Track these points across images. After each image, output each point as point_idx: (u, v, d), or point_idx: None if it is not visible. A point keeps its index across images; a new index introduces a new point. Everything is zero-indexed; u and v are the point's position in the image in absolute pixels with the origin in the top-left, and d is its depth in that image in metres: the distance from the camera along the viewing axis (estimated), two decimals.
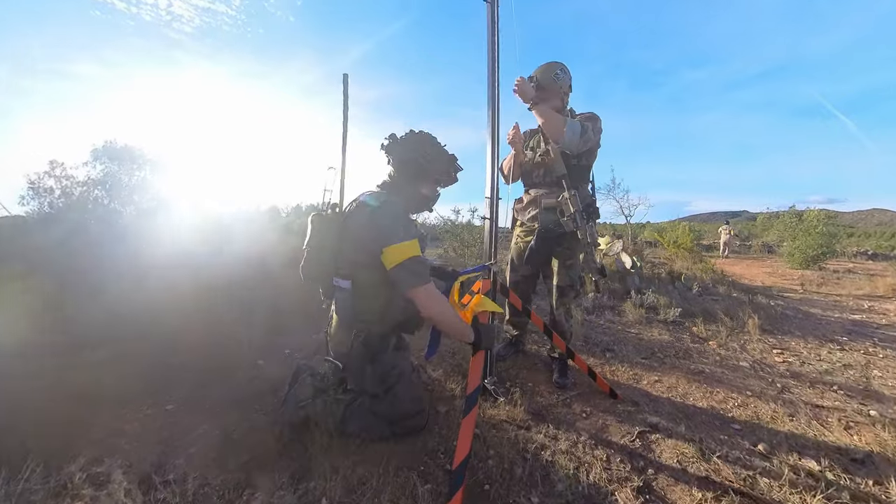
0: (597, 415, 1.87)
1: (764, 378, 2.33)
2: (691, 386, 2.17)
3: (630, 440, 1.68)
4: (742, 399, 2.05)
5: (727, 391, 2.12)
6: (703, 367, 2.43)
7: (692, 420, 1.84)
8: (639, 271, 4.12)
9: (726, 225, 12.37)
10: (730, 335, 3.05)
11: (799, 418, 1.88)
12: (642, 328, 3.10)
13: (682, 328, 3.17)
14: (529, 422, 1.80)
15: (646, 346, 2.74)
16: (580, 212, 1.95)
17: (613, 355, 2.56)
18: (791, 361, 2.62)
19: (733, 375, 2.34)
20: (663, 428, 1.76)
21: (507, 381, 2.18)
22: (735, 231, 12.64)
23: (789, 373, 2.42)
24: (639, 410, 1.90)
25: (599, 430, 1.75)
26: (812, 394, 2.15)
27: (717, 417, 1.87)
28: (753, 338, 3.02)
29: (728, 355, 2.65)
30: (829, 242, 8.52)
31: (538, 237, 2.07)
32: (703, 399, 2.03)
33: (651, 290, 3.67)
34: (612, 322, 3.21)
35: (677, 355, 2.61)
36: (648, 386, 2.16)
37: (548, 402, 1.98)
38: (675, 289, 4.22)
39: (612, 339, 2.83)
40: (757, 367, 2.48)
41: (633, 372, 2.32)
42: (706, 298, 4.03)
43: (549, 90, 1.99)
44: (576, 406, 1.94)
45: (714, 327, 3.16)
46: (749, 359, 2.61)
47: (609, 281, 4.01)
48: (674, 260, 6.29)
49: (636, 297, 3.54)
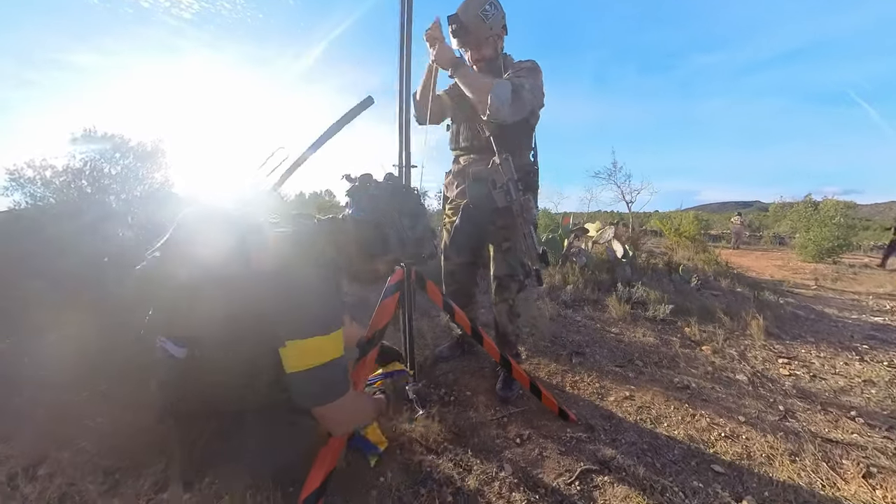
0: (535, 441, 1.42)
1: (764, 397, 1.82)
2: (669, 406, 1.69)
3: (566, 482, 1.23)
4: (732, 427, 1.56)
5: (714, 415, 1.64)
6: (689, 380, 1.94)
7: (660, 456, 1.37)
8: (631, 261, 3.58)
9: (738, 215, 11.51)
10: (728, 339, 2.53)
11: (803, 459, 1.39)
12: (625, 327, 2.61)
13: (673, 328, 2.66)
14: (446, 444, 1.39)
15: (624, 351, 2.25)
16: (514, 181, 1.44)
17: (582, 360, 2.09)
18: (799, 374, 2.10)
19: (725, 393, 1.84)
20: (617, 467, 1.30)
21: (442, 388, 1.76)
22: (746, 221, 11.71)
23: (796, 390, 1.91)
24: (592, 439, 1.45)
25: (530, 464, 1.31)
26: (823, 422, 1.65)
27: (694, 454, 1.39)
28: (757, 343, 2.49)
29: (723, 365, 2.14)
30: (846, 234, 7.67)
31: (463, 213, 1.60)
32: (680, 425, 1.56)
33: (641, 283, 3.15)
34: (590, 318, 2.72)
35: (660, 363, 2.12)
36: (615, 404, 1.69)
37: (479, 418, 1.55)
38: (672, 281, 3.67)
39: (586, 340, 2.35)
40: (756, 382, 1.97)
41: (601, 384, 1.85)
42: (706, 293, 3.47)
43: (475, 33, 1.47)
44: (512, 427, 1.50)
45: (711, 328, 2.64)
46: (748, 370, 2.10)
47: (596, 271, 3.49)
48: (675, 249, 5.66)
49: (623, 290, 3.03)
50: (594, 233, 3.64)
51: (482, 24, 1.46)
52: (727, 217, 16.55)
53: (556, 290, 3.09)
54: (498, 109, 1.35)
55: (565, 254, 3.49)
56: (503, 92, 1.36)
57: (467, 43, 1.51)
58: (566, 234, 3.66)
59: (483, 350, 2.04)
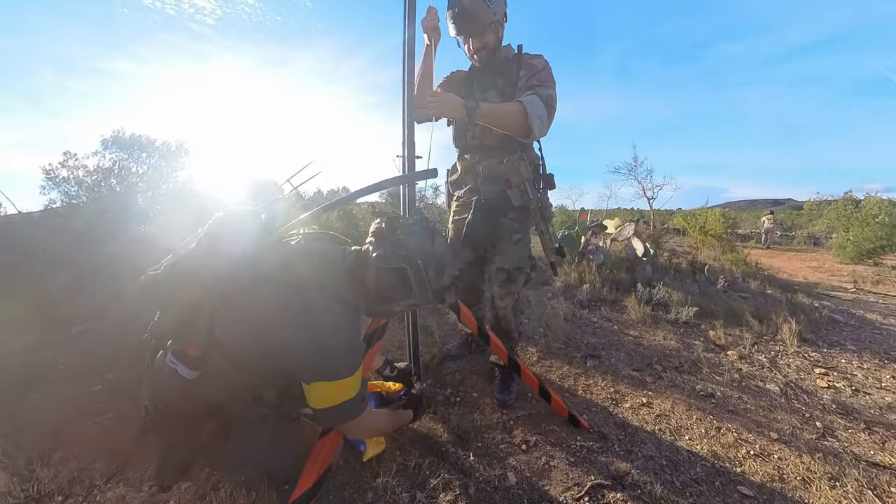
0: (542, 448, 1.31)
1: (799, 411, 1.62)
2: (691, 416, 1.53)
3: (574, 497, 1.11)
4: (762, 444, 1.39)
5: (742, 429, 1.46)
6: (713, 387, 1.76)
7: (680, 474, 1.22)
8: (652, 260, 3.35)
9: (770, 214, 10.71)
10: (757, 344, 2.30)
11: (845, 485, 1.21)
12: (645, 329, 2.42)
13: (697, 332, 2.45)
14: (448, 446, 1.30)
15: (643, 354, 2.08)
16: (530, 180, 1.37)
17: (597, 364, 1.94)
18: (839, 387, 1.87)
19: (754, 404, 1.65)
20: (632, 483, 1.16)
21: (448, 388, 1.66)
22: (778, 220, 10.89)
23: (836, 405, 1.69)
24: (604, 449, 1.31)
25: (536, 474, 1.20)
26: (868, 443, 1.44)
27: (719, 472, 1.24)
28: (789, 349, 2.25)
29: (751, 372, 1.94)
30: (891, 234, 6.94)
31: (476, 209, 1.49)
32: (703, 439, 1.40)
33: (663, 283, 2.93)
34: (607, 320, 2.54)
35: (681, 368, 1.94)
36: (630, 411, 1.55)
37: (485, 421, 1.44)
38: (696, 282, 3.41)
39: (602, 343, 2.19)
40: (790, 393, 1.77)
41: (616, 389, 1.70)
42: (733, 295, 3.20)
43: (479, 18, 1.32)
44: (518, 432, 1.39)
45: (737, 332, 2.41)
46: (780, 380, 1.89)
47: (615, 270, 3.28)
48: (699, 249, 5.27)
49: (643, 290, 2.83)
50: (613, 230, 3.42)
51: (486, 9, 1.32)
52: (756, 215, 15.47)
53: (571, 289, 2.93)
54: (541, 130, 1.29)
55: (582, 251, 3.30)
56: (539, 110, 1.27)
57: (469, 29, 1.37)
58: (583, 231, 3.47)
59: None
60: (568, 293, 2.90)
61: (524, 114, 1.25)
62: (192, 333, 0.84)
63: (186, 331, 0.84)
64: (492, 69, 1.46)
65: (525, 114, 1.25)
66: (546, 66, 1.39)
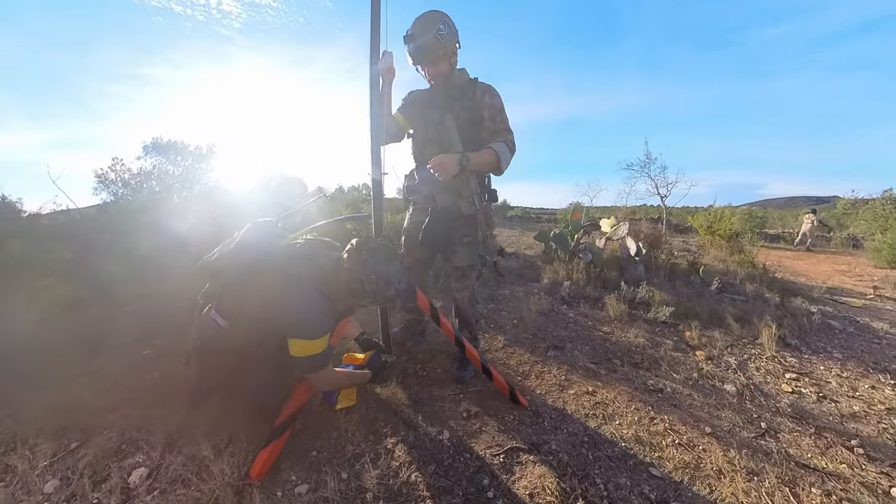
0: (480, 418, 1.44)
1: (747, 412, 1.62)
2: (630, 406, 1.58)
3: (493, 454, 1.25)
4: (691, 436, 1.42)
5: (676, 422, 1.50)
6: (665, 384, 1.78)
7: (596, 450, 1.31)
8: (645, 259, 3.27)
9: (811, 213, 9.59)
10: (733, 346, 2.24)
11: (762, 480, 1.23)
12: (619, 327, 2.43)
13: (672, 331, 2.42)
14: (403, 407, 1.50)
15: (607, 349, 2.11)
16: (478, 194, 1.52)
17: (558, 354, 2.01)
18: (805, 393, 1.81)
19: (702, 401, 1.66)
20: (546, 451, 1.27)
21: (418, 364, 1.83)
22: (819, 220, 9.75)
23: (792, 409, 1.66)
24: (534, 423, 1.42)
25: (468, 435, 1.34)
26: (810, 446, 1.42)
27: (635, 455, 1.30)
28: (766, 353, 2.17)
29: (713, 372, 1.92)
30: None
31: (433, 215, 1.62)
32: (633, 426, 1.45)
33: (649, 283, 2.88)
34: (584, 316, 2.57)
35: (640, 364, 1.96)
36: (573, 397, 1.62)
37: (441, 393, 1.60)
38: (691, 283, 3.30)
39: (570, 336, 2.24)
40: (746, 395, 1.74)
41: (567, 378, 1.78)
42: (724, 297, 3.06)
43: (431, 52, 1.49)
44: (464, 404, 1.53)
45: (714, 334, 2.35)
46: (741, 381, 1.85)
47: (605, 269, 3.25)
48: (707, 249, 4.97)
49: (627, 289, 2.80)
50: (608, 229, 3.36)
51: (438, 44, 1.47)
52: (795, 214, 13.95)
53: (557, 286, 2.96)
54: (506, 169, 1.56)
55: (573, 250, 3.29)
56: (506, 156, 1.53)
57: (423, 60, 1.53)
58: (576, 230, 3.43)
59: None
60: (553, 290, 2.94)
61: (498, 160, 1.51)
62: (227, 298, 1.20)
63: (224, 297, 1.21)
64: (448, 93, 1.59)
65: (498, 160, 1.51)
66: (503, 107, 1.59)
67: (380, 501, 1.08)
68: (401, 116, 1.65)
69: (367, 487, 1.11)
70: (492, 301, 2.70)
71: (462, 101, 1.56)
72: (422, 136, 1.63)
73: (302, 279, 1.18)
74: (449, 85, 1.58)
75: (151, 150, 3.83)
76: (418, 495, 1.11)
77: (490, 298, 2.74)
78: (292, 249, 1.28)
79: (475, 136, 1.55)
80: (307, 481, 1.13)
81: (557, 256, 3.45)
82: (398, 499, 1.09)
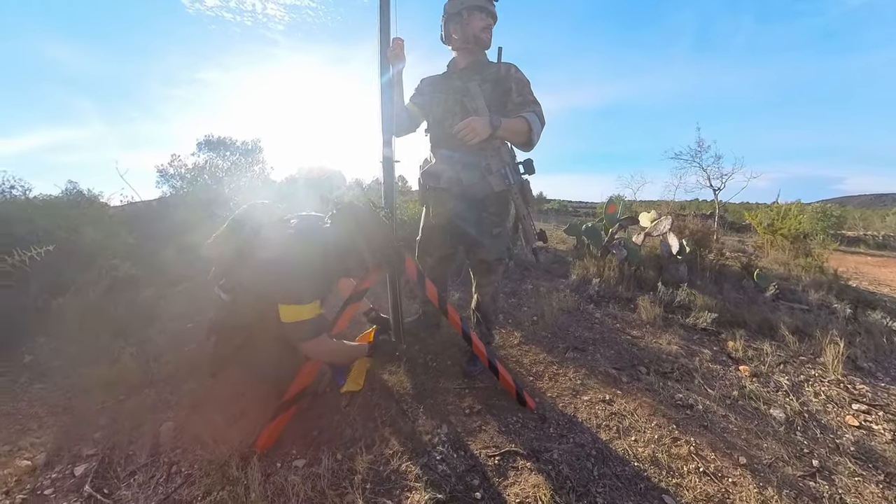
0: (482, 416, 1.35)
1: (797, 444, 1.33)
2: (651, 421, 1.38)
3: (488, 455, 1.16)
4: (721, 465, 1.20)
5: (704, 445, 1.27)
6: (697, 399, 1.53)
7: (604, 466, 1.15)
8: (688, 258, 2.85)
9: None
10: (784, 363, 1.88)
11: None
12: (650, 331, 2.15)
13: (713, 340, 2.09)
14: (407, 397, 1.44)
15: (633, 355, 1.88)
16: (510, 166, 1.34)
17: (577, 356, 1.82)
18: (876, 429, 1.46)
19: (740, 425, 1.41)
20: (546, 459, 1.15)
21: (429, 354, 1.76)
22: None
23: (856, 448, 1.34)
24: (538, 428, 1.29)
25: (466, 432, 1.26)
26: (875, 497, 1.14)
27: (649, 478, 1.13)
28: (828, 375, 1.79)
29: (757, 392, 1.62)
30: None
31: (460, 200, 1.46)
32: (650, 444, 1.26)
33: (686, 286, 2.51)
34: (611, 317, 2.31)
35: (669, 374, 1.72)
36: (586, 405, 1.46)
37: (446, 385, 1.52)
38: (742, 287, 2.83)
39: (594, 338, 2.03)
40: (798, 424, 1.44)
41: (583, 383, 1.60)
42: (781, 305, 2.59)
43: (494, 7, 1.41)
44: (468, 399, 1.44)
45: (765, 347, 1.99)
46: (792, 406, 1.54)
47: (642, 267, 2.89)
48: (765, 249, 4.21)
49: (664, 290, 2.47)
50: (648, 223, 2.96)
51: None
52: (883, 214, 11.49)
53: (585, 283, 2.70)
54: (537, 143, 1.39)
55: (606, 245, 2.96)
56: (537, 127, 1.37)
57: (491, 9, 1.41)
58: (611, 224, 3.08)
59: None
60: (581, 287, 2.69)
61: (529, 129, 1.33)
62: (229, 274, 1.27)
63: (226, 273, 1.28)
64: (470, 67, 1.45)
65: (530, 129, 1.33)
66: (529, 82, 1.43)
67: (367, 484, 1.05)
68: (413, 106, 1.52)
69: (357, 470, 1.08)
70: (513, 296, 2.54)
71: (485, 73, 1.42)
72: (440, 111, 1.47)
73: (290, 248, 1.16)
74: (477, 56, 1.46)
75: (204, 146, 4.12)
76: (405, 484, 1.06)
77: (512, 293, 2.58)
78: (284, 226, 1.26)
79: (501, 110, 1.39)
80: (304, 457, 1.14)
81: (589, 252, 3.15)
82: (385, 485, 1.06)
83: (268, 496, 1.01)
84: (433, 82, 1.53)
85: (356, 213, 1.17)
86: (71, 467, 1.13)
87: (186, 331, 1.94)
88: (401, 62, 1.37)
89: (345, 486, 1.04)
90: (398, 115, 1.44)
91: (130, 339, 1.82)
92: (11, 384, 1.54)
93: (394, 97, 1.36)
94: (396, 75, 1.39)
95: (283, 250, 1.16)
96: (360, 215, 1.17)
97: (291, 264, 1.14)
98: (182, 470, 1.11)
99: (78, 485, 1.06)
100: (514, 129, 1.32)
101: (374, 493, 1.03)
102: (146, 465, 1.13)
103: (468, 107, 1.34)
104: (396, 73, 1.38)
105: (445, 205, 1.52)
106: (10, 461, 1.15)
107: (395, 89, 1.39)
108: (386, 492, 1.04)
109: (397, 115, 1.42)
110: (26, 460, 1.15)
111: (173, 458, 1.15)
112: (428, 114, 1.52)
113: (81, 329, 1.84)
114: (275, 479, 1.06)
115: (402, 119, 1.48)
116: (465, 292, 2.48)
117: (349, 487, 1.03)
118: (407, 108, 1.51)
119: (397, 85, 1.41)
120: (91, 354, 1.68)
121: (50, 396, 1.46)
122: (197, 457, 1.13)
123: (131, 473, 1.10)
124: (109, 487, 1.06)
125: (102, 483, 1.07)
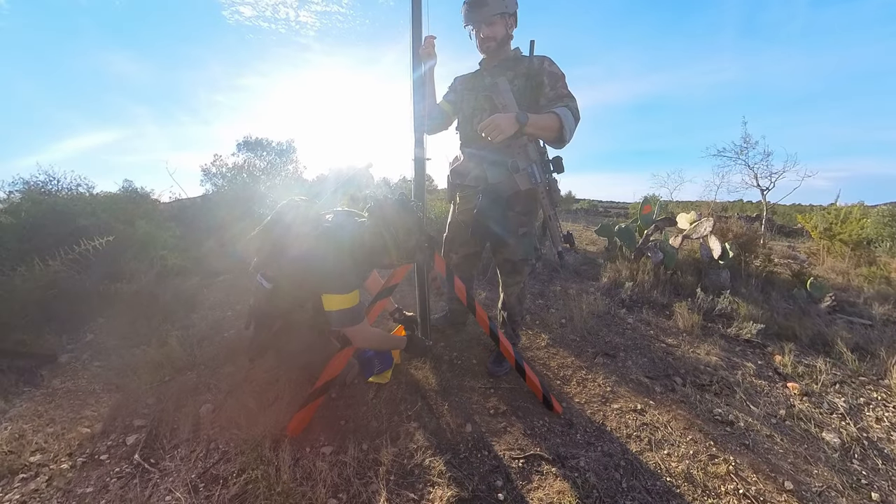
0: (507, 417, 1.34)
1: (853, 473, 1.22)
2: (686, 435, 1.31)
3: (512, 457, 1.15)
4: (763, 487, 1.12)
5: (745, 466, 1.19)
6: (738, 415, 1.44)
7: (633, 479, 1.11)
8: (731, 263, 2.66)
9: None
10: (841, 383, 1.72)
11: None
12: (687, 340, 2.04)
13: (758, 353, 1.95)
14: (432, 393, 1.47)
15: (668, 364, 1.79)
16: (538, 163, 1.30)
17: (608, 363, 1.76)
18: None
19: (787, 447, 1.31)
20: (572, 466, 1.12)
21: (455, 352, 1.77)
22: None
23: None
24: (565, 434, 1.27)
25: (491, 432, 1.26)
26: None
27: (682, 496, 1.07)
28: (893, 400, 1.63)
29: (807, 413, 1.49)
30: None
31: (485, 198, 1.44)
32: (685, 460, 1.20)
33: (728, 293, 2.35)
34: (645, 323, 2.21)
35: (707, 387, 1.62)
36: (616, 413, 1.41)
37: (472, 384, 1.53)
38: (793, 297, 2.61)
39: (625, 344, 1.95)
40: (855, 451, 1.32)
41: (613, 390, 1.55)
42: (838, 319, 2.36)
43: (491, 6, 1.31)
44: (494, 399, 1.43)
45: (817, 363, 1.83)
46: (849, 431, 1.41)
47: (679, 272, 2.74)
48: (820, 256, 3.84)
49: (704, 297, 2.33)
50: (687, 225, 2.78)
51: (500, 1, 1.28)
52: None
53: (617, 286, 2.60)
54: (570, 139, 1.32)
55: (640, 247, 2.82)
56: (570, 123, 1.30)
57: (481, 17, 1.33)
58: (646, 225, 2.92)
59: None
60: (612, 291, 2.59)
61: (560, 125, 1.26)
62: (270, 264, 1.29)
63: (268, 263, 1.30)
64: (500, 64, 1.42)
65: (561, 125, 1.26)
66: (563, 75, 1.37)
67: (391, 476, 1.07)
68: (446, 104, 1.52)
69: (381, 461, 1.11)
70: (541, 297, 2.49)
71: (516, 68, 1.38)
72: (470, 108, 1.46)
73: (330, 240, 1.22)
74: (502, 55, 1.42)
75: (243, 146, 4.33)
76: (428, 479, 1.07)
77: (539, 294, 2.53)
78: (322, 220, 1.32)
79: (533, 106, 1.35)
80: (332, 444, 1.19)
81: (621, 254, 3.03)
82: (408, 478, 1.08)
83: (297, 479, 1.06)
84: (465, 80, 1.52)
85: (391, 207, 1.21)
86: (123, 436, 1.24)
87: (226, 318, 2.07)
88: (432, 59, 1.37)
89: (370, 476, 1.08)
90: (430, 112, 1.44)
91: (176, 324, 1.97)
92: (75, 361, 1.72)
93: (425, 95, 1.37)
94: (428, 72, 1.39)
95: (323, 243, 1.22)
96: (395, 208, 1.20)
97: (334, 256, 1.19)
98: (220, 447, 1.18)
99: (129, 453, 1.17)
100: (542, 125, 1.26)
101: (397, 486, 1.05)
102: (188, 440, 1.22)
103: (496, 103, 1.32)
104: (428, 70, 1.39)
105: (471, 202, 1.53)
106: (74, 427, 1.29)
107: (427, 87, 1.40)
108: (409, 485, 1.06)
109: (429, 113, 1.43)
110: (87, 428, 1.28)
111: (212, 436, 1.23)
112: (458, 111, 1.52)
113: (134, 313, 2.01)
114: (303, 462, 1.11)
115: (434, 115, 1.48)
116: (491, 291, 2.47)
117: (373, 478, 1.07)
118: (439, 106, 1.51)
119: (429, 82, 1.42)
120: (142, 336, 1.84)
121: (106, 374, 1.61)
122: (233, 436, 1.21)
123: (175, 446, 1.20)
124: (155, 458, 1.16)
125: (149, 453, 1.17)
